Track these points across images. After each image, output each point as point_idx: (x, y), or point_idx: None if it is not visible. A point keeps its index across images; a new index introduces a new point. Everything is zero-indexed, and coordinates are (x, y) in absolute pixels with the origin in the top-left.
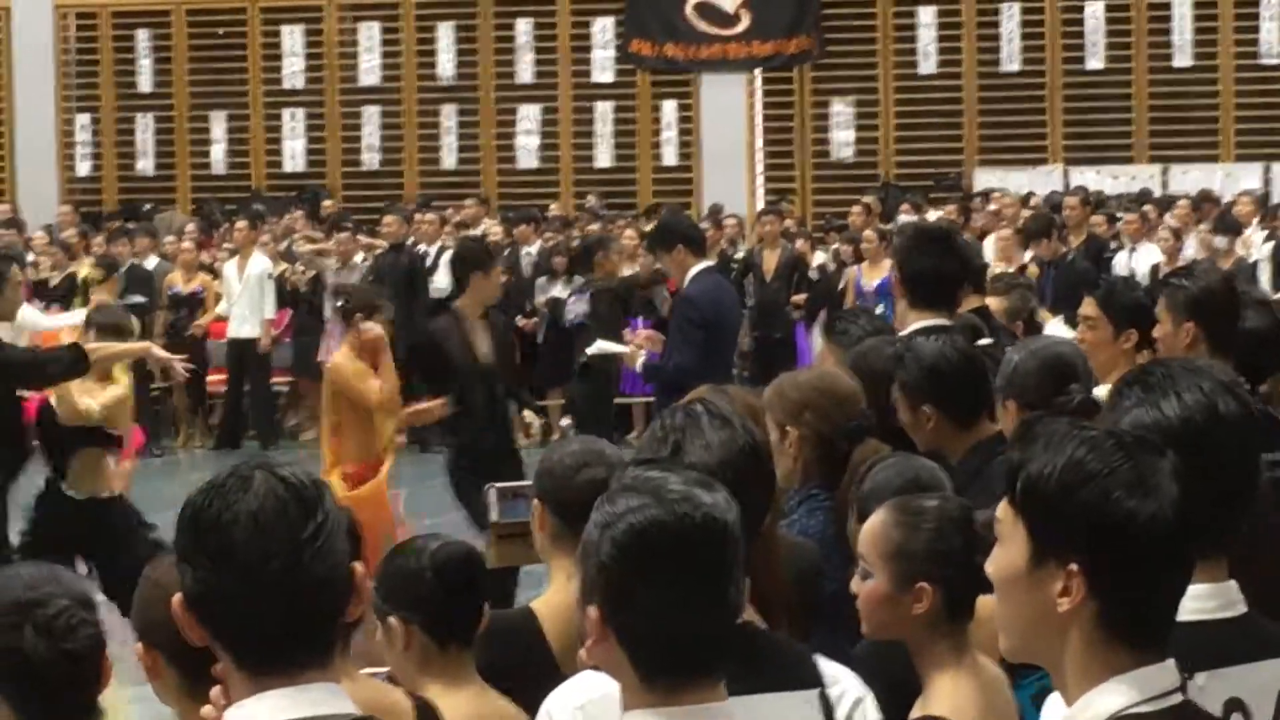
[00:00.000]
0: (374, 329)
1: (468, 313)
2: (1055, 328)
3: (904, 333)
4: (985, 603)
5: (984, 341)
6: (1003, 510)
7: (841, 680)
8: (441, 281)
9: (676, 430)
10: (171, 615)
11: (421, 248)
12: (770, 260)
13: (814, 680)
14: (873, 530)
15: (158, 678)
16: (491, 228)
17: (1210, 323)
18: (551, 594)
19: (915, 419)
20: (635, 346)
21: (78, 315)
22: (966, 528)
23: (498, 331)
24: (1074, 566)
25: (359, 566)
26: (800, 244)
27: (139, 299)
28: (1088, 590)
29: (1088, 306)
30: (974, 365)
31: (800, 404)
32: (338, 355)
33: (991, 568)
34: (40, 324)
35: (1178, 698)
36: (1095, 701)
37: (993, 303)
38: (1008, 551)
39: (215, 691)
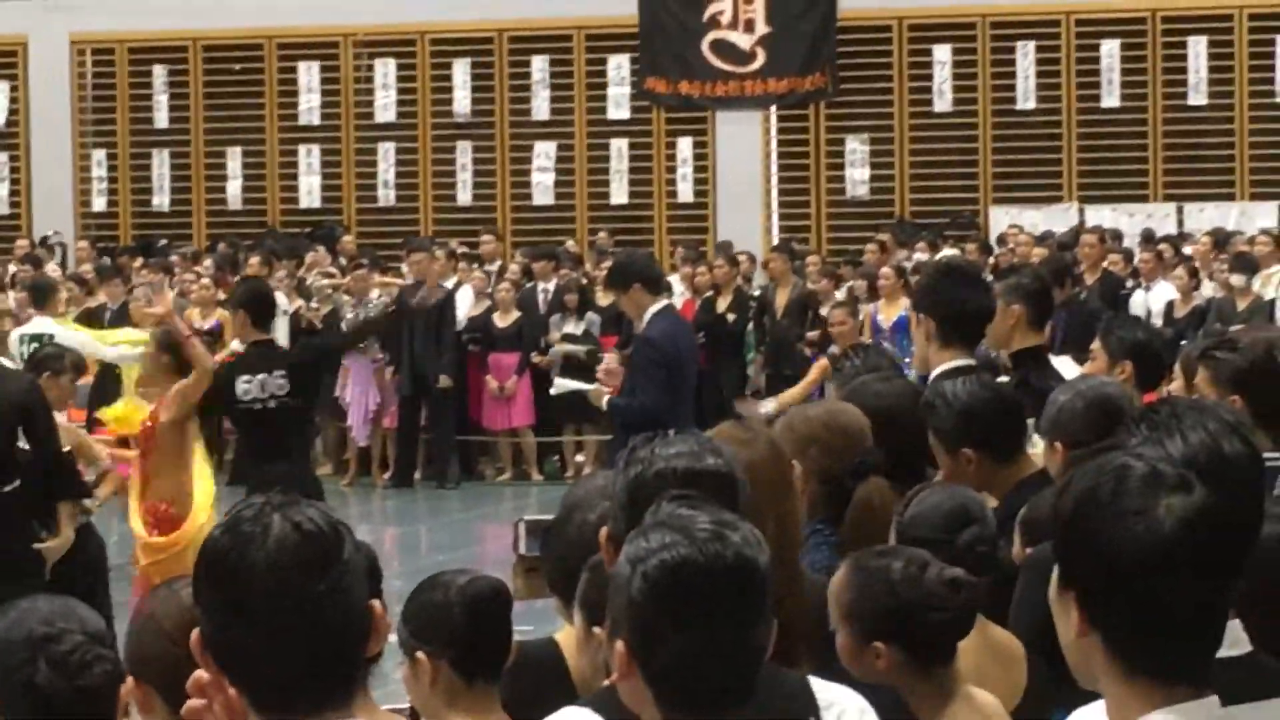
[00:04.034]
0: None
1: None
2: (1064, 364)
3: (933, 375)
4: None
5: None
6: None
7: (839, 701)
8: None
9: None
10: (163, 650)
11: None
12: (781, 297)
13: (808, 709)
14: (832, 588)
15: (150, 713)
16: (510, 264)
17: (1256, 395)
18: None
19: (955, 463)
20: (599, 385)
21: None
22: (920, 583)
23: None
24: (1072, 594)
25: (377, 605)
26: (825, 282)
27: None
28: (1088, 619)
29: (1094, 341)
30: (1007, 403)
31: (807, 438)
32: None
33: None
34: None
35: None
36: None
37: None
38: (1053, 578)
39: (195, 677)
